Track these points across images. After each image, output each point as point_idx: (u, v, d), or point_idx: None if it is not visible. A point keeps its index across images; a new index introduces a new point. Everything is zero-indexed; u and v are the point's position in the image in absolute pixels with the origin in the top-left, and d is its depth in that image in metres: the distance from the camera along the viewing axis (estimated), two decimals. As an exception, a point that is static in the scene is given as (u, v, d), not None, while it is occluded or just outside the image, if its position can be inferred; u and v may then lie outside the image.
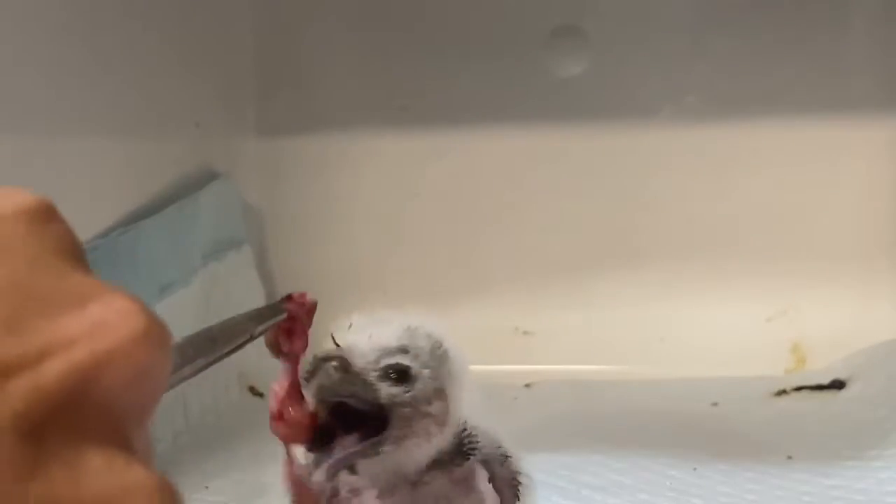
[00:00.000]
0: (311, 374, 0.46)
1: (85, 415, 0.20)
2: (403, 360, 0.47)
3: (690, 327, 1.09)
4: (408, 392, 0.46)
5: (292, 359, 0.47)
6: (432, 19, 1.14)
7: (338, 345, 0.47)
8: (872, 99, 1.09)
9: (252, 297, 1.08)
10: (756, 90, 1.09)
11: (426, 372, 0.47)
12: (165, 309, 0.86)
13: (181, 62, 1.01)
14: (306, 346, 0.47)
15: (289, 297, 0.47)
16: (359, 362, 0.46)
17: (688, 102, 1.11)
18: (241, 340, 0.39)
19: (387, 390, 0.46)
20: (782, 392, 1.02)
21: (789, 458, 0.84)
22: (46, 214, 0.23)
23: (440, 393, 0.48)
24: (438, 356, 0.48)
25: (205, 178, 1.03)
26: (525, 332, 1.13)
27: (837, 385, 1.01)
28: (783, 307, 1.10)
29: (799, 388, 1.02)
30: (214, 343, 0.36)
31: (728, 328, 1.09)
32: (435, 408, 0.48)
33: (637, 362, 1.09)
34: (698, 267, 1.11)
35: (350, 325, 0.48)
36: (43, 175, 0.76)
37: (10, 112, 0.73)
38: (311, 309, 0.47)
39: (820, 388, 1.02)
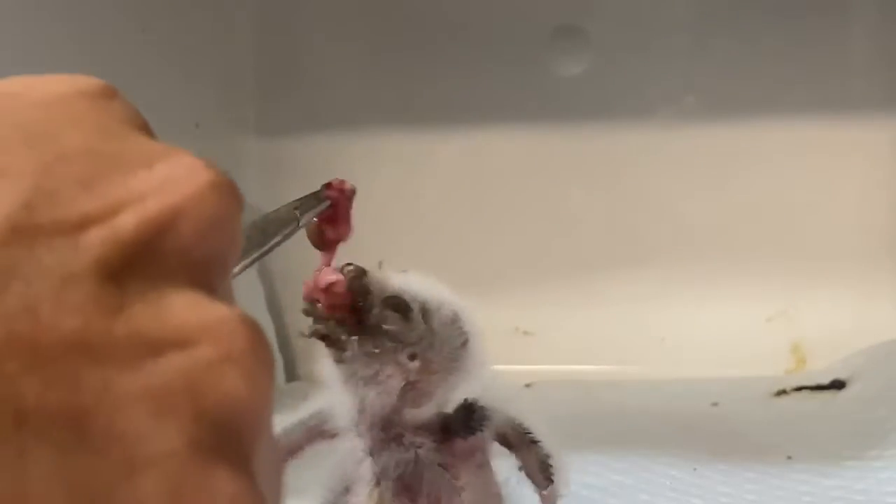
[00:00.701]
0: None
1: (164, 262, 0.21)
2: (412, 304, 0.47)
3: (690, 327, 1.10)
4: (395, 326, 0.47)
5: (334, 245, 0.48)
6: (432, 19, 1.14)
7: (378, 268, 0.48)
8: (873, 99, 1.09)
9: (252, 298, 1.08)
10: (756, 90, 1.09)
11: (421, 329, 0.47)
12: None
13: (181, 62, 1.01)
14: (350, 231, 0.48)
15: (328, 185, 0.47)
16: (375, 282, 0.47)
17: (688, 102, 1.11)
18: (290, 229, 0.39)
19: (379, 312, 0.46)
20: (782, 392, 1.02)
21: (789, 458, 0.84)
22: (108, 92, 0.24)
23: (427, 361, 0.48)
24: (451, 336, 0.49)
25: (205, 178, 1.03)
26: (525, 332, 1.13)
27: (837, 385, 1.01)
28: (783, 307, 1.10)
29: (799, 389, 1.02)
30: (265, 234, 0.36)
31: (728, 328, 1.09)
32: (411, 366, 0.47)
33: (637, 362, 1.09)
34: (698, 267, 1.11)
35: (405, 271, 0.50)
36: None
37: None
38: (350, 194, 0.48)
39: (820, 388, 1.02)
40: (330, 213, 0.47)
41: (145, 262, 0.20)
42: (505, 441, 0.51)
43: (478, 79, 1.13)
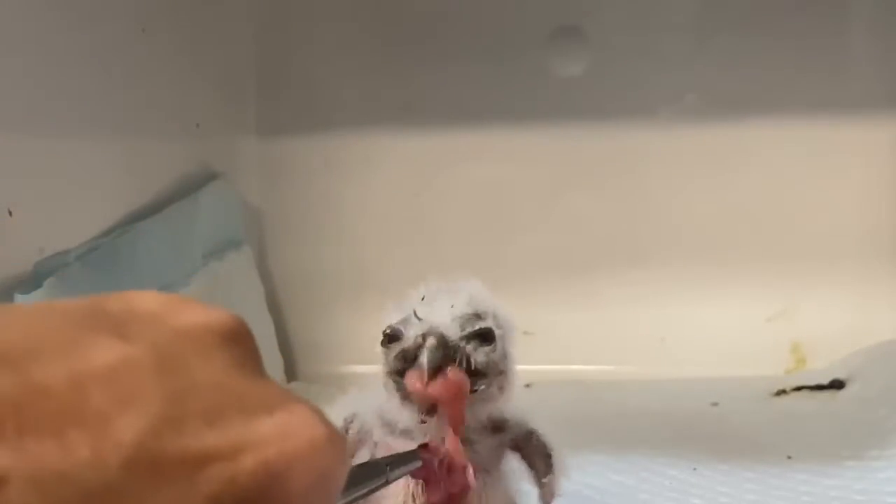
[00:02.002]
0: (414, 348, 0.49)
1: None
2: (484, 324, 0.51)
3: (690, 327, 1.10)
4: (494, 351, 0.51)
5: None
6: (432, 19, 1.14)
7: (419, 317, 0.51)
8: (873, 99, 1.09)
9: (252, 298, 1.08)
10: (756, 90, 1.09)
11: (499, 332, 0.52)
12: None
13: (182, 62, 1.01)
14: (443, 496, 0.49)
15: (425, 446, 0.48)
16: (451, 334, 0.50)
17: (688, 102, 1.11)
18: (377, 483, 0.40)
19: (481, 355, 0.50)
20: (782, 392, 1.02)
21: (789, 458, 0.85)
22: (238, 333, 0.26)
23: (506, 353, 0.53)
24: (500, 319, 0.53)
25: (205, 178, 1.03)
26: (525, 332, 1.12)
27: (837, 385, 1.01)
28: (783, 307, 1.10)
29: (799, 388, 1.02)
30: (353, 483, 0.36)
31: (728, 328, 1.09)
32: (506, 366, 0.52)
33: (637, 362, 1.09)
34: (698, 267, 1.11)
35: (423, 297, 0.53)
36: (43, 175, 0.76)
37: (10, 112, 0.73)
38: (443, 459, 0.49)
39: (820, 388, 1.02)
40: (423, 474, 0.48)
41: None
42: (516, 437, 0.54)
43: (478, 79, 1.13)
